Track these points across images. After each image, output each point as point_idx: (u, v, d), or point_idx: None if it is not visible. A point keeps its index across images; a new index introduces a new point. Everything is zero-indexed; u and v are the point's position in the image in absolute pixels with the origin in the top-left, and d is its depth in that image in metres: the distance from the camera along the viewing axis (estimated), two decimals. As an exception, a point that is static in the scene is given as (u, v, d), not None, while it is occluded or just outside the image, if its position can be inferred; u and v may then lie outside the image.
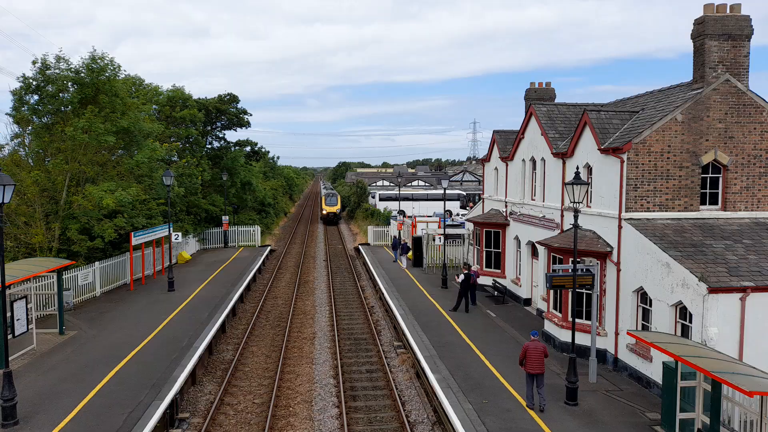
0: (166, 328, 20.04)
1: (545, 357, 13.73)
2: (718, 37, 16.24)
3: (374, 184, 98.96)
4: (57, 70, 26.05)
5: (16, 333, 16.59)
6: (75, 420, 12.73)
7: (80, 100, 26.31)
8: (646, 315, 15.75)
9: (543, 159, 22.18)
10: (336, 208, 66.85)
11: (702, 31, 16.43)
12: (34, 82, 25.80)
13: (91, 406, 13.44)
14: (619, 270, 16.63)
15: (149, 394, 14.12)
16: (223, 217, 41.96)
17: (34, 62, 25.82)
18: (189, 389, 16.04)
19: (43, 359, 16.85)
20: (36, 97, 26.24)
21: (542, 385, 13.74)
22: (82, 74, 26.09)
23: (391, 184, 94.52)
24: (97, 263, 25.22)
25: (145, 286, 27.47)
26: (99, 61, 26.50)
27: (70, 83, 26.30)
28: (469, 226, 31.15)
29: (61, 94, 26.29)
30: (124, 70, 28.46)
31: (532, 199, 23.42)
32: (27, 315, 17.23)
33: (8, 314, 15.54)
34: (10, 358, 14.63)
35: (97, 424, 12.48)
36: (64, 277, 20.63)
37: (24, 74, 25.84)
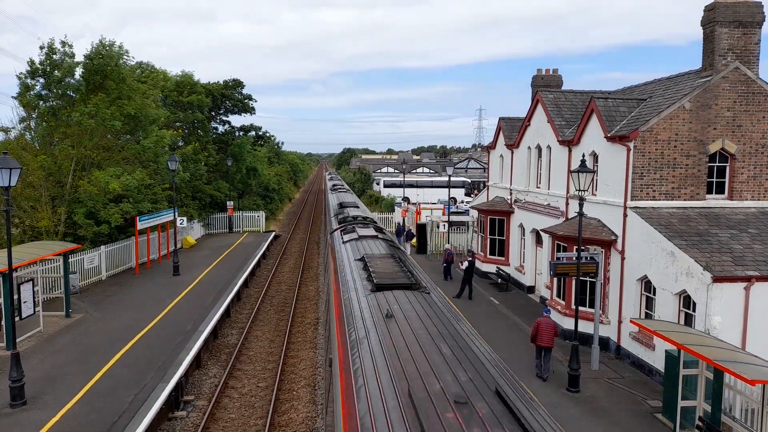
0: (171, 312, 20.19)
1: (555, 335, 14.77)
2: (729, 24, 16.03)
3: (379, 171, 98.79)
4: (64, 56, 26.08)
5: (23, 315, 16.74)
6: (82, 401, 12.89)
7: (88, 86, 26.36)
8: (649, 303, 15.75)
9: (549, 146, 22.06)
10: None
11: (712, 17, 16.21)
12: (41, 67, 25.86)
13: (98, 388, 13.60)
14: (623, 258, 16.60)
15: (155, 376, 14.27)
16: (228, 203, 42.03)
17: (41, 47, 25.93)
18: (194, 372, 16.20)
19: (50, 341, 17.03)
20: (42, 81, 26.28)
21: (549, 358, 15.12)
22: (93, 61, 26.17)
23: (396, 171, 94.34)
24: (102, 247, 25.35)
25: (150, 270, 27.63)
26: (108, 47, 26.59)
27: (77, 68, 26.36)
28: (474, 213, 31.11)
29: (67, 79, 26.32)
30: (132, 57, 28.54)
31: (537, 187, 23.33)
32: (34, 298, 17.37)
33: (15, 297, 15.68)
34: (17, 340, 14.76)
35: (104, 406, 12.64)
36: (70, 260, 20.75)
37: (31, 59, 25.89)
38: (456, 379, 5.50)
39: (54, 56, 25.93)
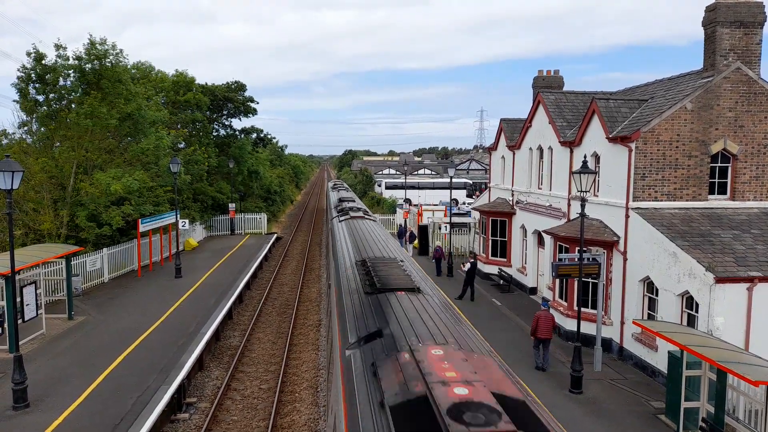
0: (174, 314, 20.20)
1: (553, 327, 15.71)
2: (730, 25, 16.03)
3: (380, 173, 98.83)
4: (57, 59, 26.14)
5: (26, 318, 16.78)
6: (84, 403, 12.90)
7: (83, 88, 26.45)
8: (652, 304, 15.73)
9: (550, 147, 22.06)
10: None
11: (713, 18, 16.21)
12: (33, 72, 25.89)
13: (100, 390, 13.62)
14: (625, 259, 16.58)
15: (157, 378, 14.27)
16: (230, 205, 42.08)
17: (28, 54, 25.80)
18: (196, 375, 16.21)
19: (53, 344, 17.05)
20: (37, 85, 26.35)
21: (548, 349, 15.81)
22: (84, 61, 26.21)
23: (398, 173, 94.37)
24: (105, 249, 25.40)
25: (152, 273, 27.67)
26: (99, 46, 26.55)
27: (71, 71, 26.39)
28: (475, 214, 31.10)
29: (62, 82, 26.40)
30: (126, 55, 28.52)
31: (539, 188, 23.32)
32: (36, 300, 17.42)
33: (18, 299, 15.71)
34: (20, 343, 14.80)
35: (106, 408, 12.65)
36: (72, 263, 20.79)
37: (23, 64, 25.90)
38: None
39: (43, 60, 25.88)
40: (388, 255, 11.74)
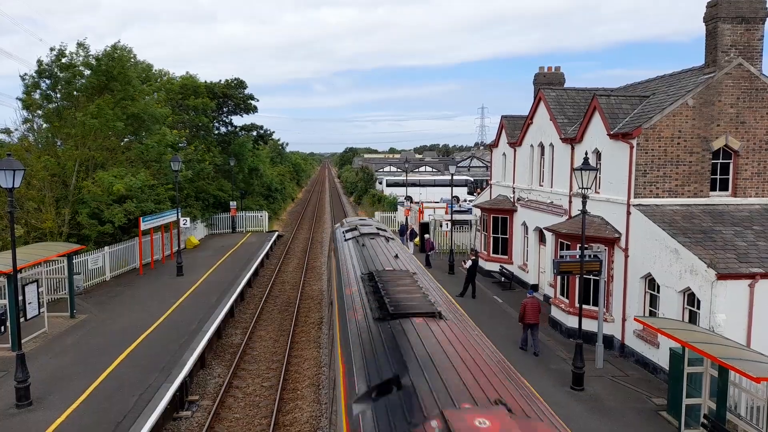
0: (175, 312, 20.23)
1: (539, 312, 16.45)
2: (732, 20, 15.98)
3: (381, 170, 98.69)
4: (76, 56, 26.57)
5: (28, 316, 16.80)
6: (87, 401, 12.94)
7: (94, 87, 26.70)
8: (653, 301, 15.72)
9: (551, 144, 22.03)
10: None
11: (715, 14, 16.16)
12: (49, 68, 26.20)
13: (102, 388, 13.65)
14: (627, 256, 16.57)
15: (159, 377, 14.30)
16: (231, 203, 42.08)
17: (51, 49, 26.42)
18: (198, 372, 16.24)
19: (55, 342, 17.08)
20: (48, 81, 26.59)
21: (536, 333, 16.59)
22: (102, 63, 26.69)
23: (399, 170, 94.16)
24: (106, 248, 25.42)
25: (154, 271, 27.70)
26: (119, 51, 27.17)
27: (85, 69, 26.79)
28: (477, 212, 31.09)
29: (75, 80, 26.70)
30: (134, 56, 28.89)
31: (540, 185, 23.30)
32: (38, 299, 17.44)
33: (20, 298, 15.73)
34: (22, 341, 14.81)
35: (109, 406, 12.69)
36: (74, 261, 20.82)
37: (40, 59, 26.22)
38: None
39: (63, 59, 26.30)
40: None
